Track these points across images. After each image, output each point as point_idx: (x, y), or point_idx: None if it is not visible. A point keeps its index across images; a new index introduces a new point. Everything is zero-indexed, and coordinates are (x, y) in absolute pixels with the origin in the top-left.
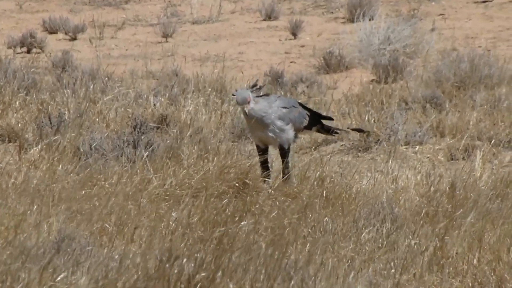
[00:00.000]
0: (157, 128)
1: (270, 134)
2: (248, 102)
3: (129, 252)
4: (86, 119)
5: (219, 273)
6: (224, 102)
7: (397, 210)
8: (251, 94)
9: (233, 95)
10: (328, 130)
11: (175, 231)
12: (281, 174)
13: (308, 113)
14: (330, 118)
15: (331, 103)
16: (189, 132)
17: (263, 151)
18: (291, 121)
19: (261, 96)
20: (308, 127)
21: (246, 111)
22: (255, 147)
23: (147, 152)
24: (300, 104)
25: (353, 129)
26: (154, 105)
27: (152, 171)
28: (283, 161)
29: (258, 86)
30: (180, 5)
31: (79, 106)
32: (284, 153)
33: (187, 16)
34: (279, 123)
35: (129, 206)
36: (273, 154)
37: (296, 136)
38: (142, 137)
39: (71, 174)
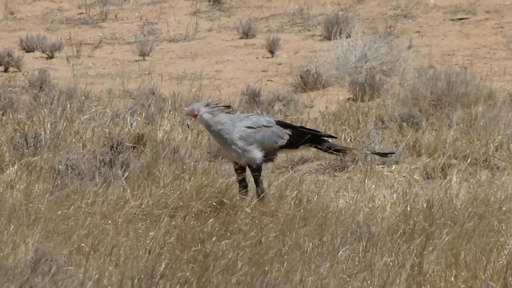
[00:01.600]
0: (134, 147)
1: (234, 154)
2: (195, 116)
3: (106, 271)
4: (63, 139)
5: None
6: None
7: (374, 228)
8: (204, 107)
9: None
10: (330, 148)
11: (152, 251)
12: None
13: (289, 132)
14: (332, 136)
15: (308, 122)
16: (165, 152)
17: (239, 169)
18: (256, 141)
19: (228, 112)
20: (289, 147)
21: (189, 123)
22: (232, 165)
23: (123, 172)
24: (281, 122)
25: (374, 153)
26: (131, 124)
27: (128, 190)
28: (254, 180)
29: (220, 104)
30: (157, 23)
31: (56, 125)
32: (253, 172)
33: (164, 34)
34: (240, 143)
35: (106, 226)
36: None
37: (268, 156)
38: (119, 157)
39: (48, 194)
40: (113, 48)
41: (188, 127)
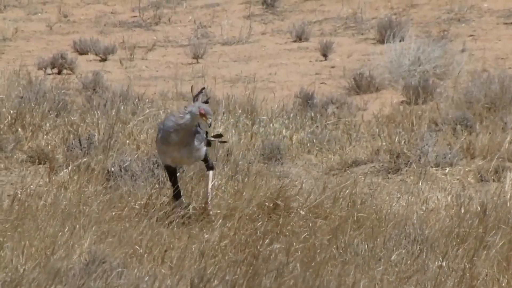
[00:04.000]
0: None
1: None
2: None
3: (159, 274)
4: (117, 140)
5: None
6: (255, 124)
7: (428, 231)
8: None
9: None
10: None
11: (206, 253)
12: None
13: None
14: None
15: (361, 125)
16: (219, 154)
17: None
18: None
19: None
20: None
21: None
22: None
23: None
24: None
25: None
26: None
27: (182, 192)
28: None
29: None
30: (211, 26)
31: (109, 127)
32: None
33: (217, 37)
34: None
35: (160, 228)
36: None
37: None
38: None
39: (101, 196)
40: (166, 51)
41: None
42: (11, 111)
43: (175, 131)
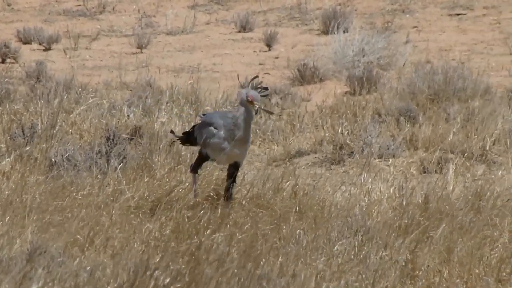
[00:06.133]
0: (130, 139)
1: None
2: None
3: (101, 263)
4: (59, 130)
5: (193, 285)
6: (198, 114)
7: (370, 222)
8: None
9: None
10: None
11: (148, 243)
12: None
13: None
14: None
15: (305, 115)
16: (162, 144)
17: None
18: None
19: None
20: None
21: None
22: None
23: (119, 163)
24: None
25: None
26: (128, 116)
27: (124, 182)
28: (235, 176)
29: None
30: (155, 16)
31: (52, 116)
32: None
33: (162, 27)
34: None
35: (102, 218)
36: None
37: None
38: (115, 148)
39: (43, 185)
40: (110, 40)
41: (257, 113)
42: None
43: (236, 126)
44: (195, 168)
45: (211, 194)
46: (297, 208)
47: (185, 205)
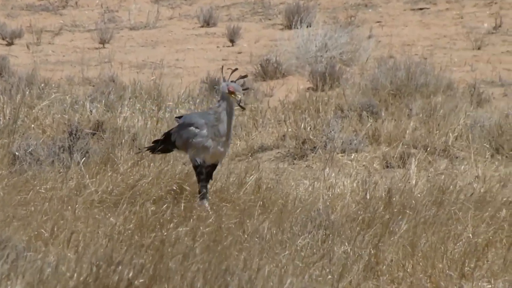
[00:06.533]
0: (93, 134)
1: (227, 149)
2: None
3: (65, 257)
4: (22, 125)
5: (157, 279)
6: (161, 109)
7: (333, 216)
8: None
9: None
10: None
11: (111, 237)
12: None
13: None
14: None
15: (267, 110)
16: (125, 138)
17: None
18: None
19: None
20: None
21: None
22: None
23: (82, 158)
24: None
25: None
26: (91, 111)
27: (87, 176)
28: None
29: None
30: (118, 11)
31: (15, 111)
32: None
33: (125, 22)
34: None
35: (65, 212)
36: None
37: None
38: (78, 143)
39: (6, 180)
40: (73, 35)
41: (241, 106)
42: None
43: (219, 121)
44: (201, 191)
45: (174, 188)
46: (261, 202)
47: (148, 199)
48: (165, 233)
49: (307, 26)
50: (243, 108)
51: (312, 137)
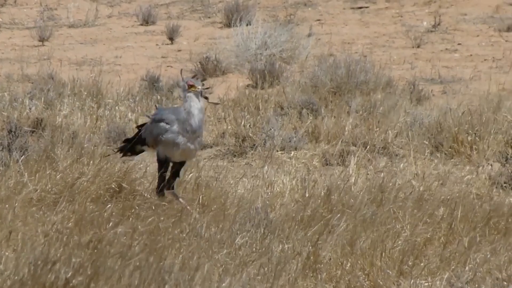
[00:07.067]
0: (32, 131)
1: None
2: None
3: (3, 256)
4: None
5: (95, 278)
6: (100, 107)
7: (272, 215)
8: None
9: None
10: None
11: (50, 236)
12: (170, 185)
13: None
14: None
15: (207, 108)
16: (64, 136)
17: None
18: None
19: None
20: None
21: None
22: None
23: (21, 156)
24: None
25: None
26: (30, 108)
27: (26, 174)
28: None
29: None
30: (57, 8)
31: None
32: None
33: (64, 20)
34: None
35: (3, 211)
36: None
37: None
38: (17, 141)
39: None
40: (12, 33)
41: (207, 99)
42: None
43: (190, 115)
44: (160, 187)
45: (113, 186)
46: (200, 201)
47: (87, 198)
48: (104, 232)
49: (247, 24)
50: (216, 103)
51: (252, 135)
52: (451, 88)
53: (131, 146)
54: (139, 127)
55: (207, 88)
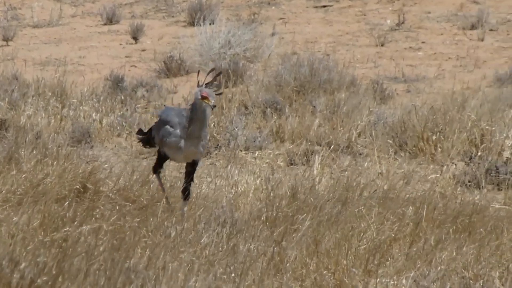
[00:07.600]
0: None
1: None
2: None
3: None
4: None
5: (60, 278)
6: (65, 107)
7: (237, 214)
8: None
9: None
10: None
11: (15, 236)
12: (186, 189)
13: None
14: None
15: None
16: (28, 137)
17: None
18: None
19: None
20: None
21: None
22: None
23: None
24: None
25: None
26: None
27: None
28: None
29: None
30: (21, 8)
31: None
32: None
33: (28, 20)
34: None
35: None
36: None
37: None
38: None
39: None
40: None
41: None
42: None
43: (192, 122)
44: (155, 168)
45: (78, 186)
46: (165, 200)
47: (52, 198)
48: (68, 231)
49: (210, 24)
50: (214, 106)
51: (216, 135)
52: (415, 87)
53: (147, 139)
54: None
55: (220, 94)
